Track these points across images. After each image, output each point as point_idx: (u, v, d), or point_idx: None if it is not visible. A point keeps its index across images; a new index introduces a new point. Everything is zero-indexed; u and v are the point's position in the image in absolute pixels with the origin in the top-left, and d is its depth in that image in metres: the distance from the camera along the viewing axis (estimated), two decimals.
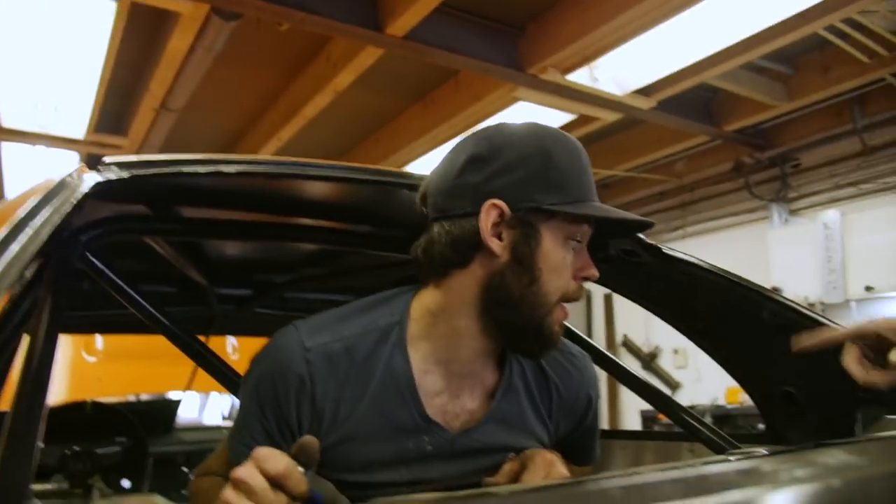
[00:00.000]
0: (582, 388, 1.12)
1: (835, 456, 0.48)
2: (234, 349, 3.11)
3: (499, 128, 0.98)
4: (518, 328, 0.95)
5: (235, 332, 2.56)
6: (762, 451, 0.81)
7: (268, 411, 0.96)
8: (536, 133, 0.96)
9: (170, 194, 1.19)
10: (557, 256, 0.93)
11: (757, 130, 5.31)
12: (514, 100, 4.23)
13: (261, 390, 0.97)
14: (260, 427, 0.96)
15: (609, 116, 4.54)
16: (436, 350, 0.98)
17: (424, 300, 0.99)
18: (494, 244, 0.91)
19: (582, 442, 1.18)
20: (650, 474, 0.43)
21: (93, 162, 0.94)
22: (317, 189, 1.22)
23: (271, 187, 1.19)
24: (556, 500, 0.37)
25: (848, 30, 3.76)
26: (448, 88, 4.59)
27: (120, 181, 0.93)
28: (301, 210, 1.36)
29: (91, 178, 0.90)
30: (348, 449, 0.98)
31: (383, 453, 0.99)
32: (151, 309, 1.31)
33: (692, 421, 1.66)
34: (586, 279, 0.97)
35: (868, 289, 4.65)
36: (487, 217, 0.91)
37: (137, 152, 4.53)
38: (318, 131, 4.87)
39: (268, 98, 4.78)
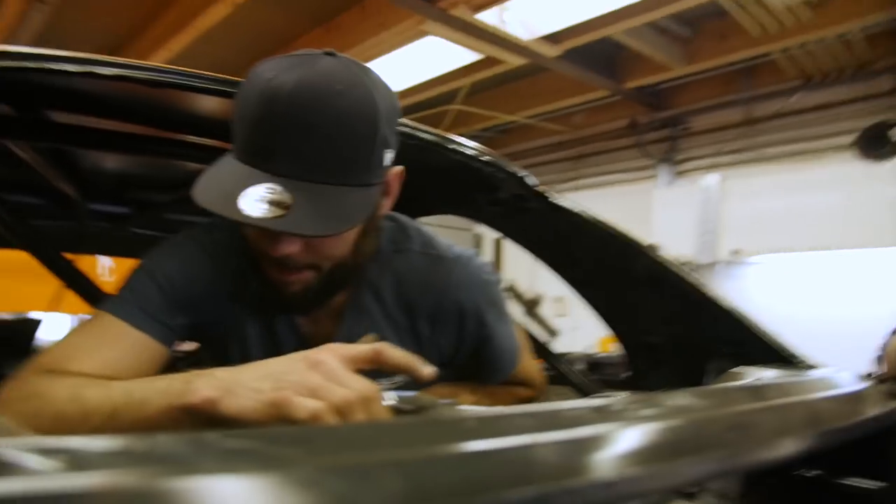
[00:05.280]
0: (448, 294, 1.06)
1: (680, 399, 0.53)
2: (111, 271, 2.96)
3: None
4: None
5: (108, 252, 2.45)
6: (622, 395, 0.87)
7: (173, 281, 0.97)
8: None
9: (38, 95, 1.10)
10: None
11: (654, 90, 5.51)
12: (422, 33, 4.16)
13: (169, 259, 0.99)
14: (153, 286, 0.96)
15: (515, 60, 4.56)
16: None
17: None
18: None
19: (479, 359, 1.13)
20: (508, 409, 0.46)
21: None
22: (205, 104, 1.16)
23: (154, 97, 1.12)
24: (401, 432, 0.38)
25: (746, 1, 3.92)
26: (354, 14, 4.44)
27: None
28: (187, 126, 1.29)
29: None
30: (230, 345, 1.03)
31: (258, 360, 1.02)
32: (10, 220, 1.22)
33: (562, 367, 1.76)
34: None
35: (735, 252, 5.00)
36: None
37: None
38: (213, 45, 4.60)
39: (159, 2, 4.45)
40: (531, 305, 6.98)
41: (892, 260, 4.18)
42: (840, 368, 1.10)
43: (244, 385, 0.63)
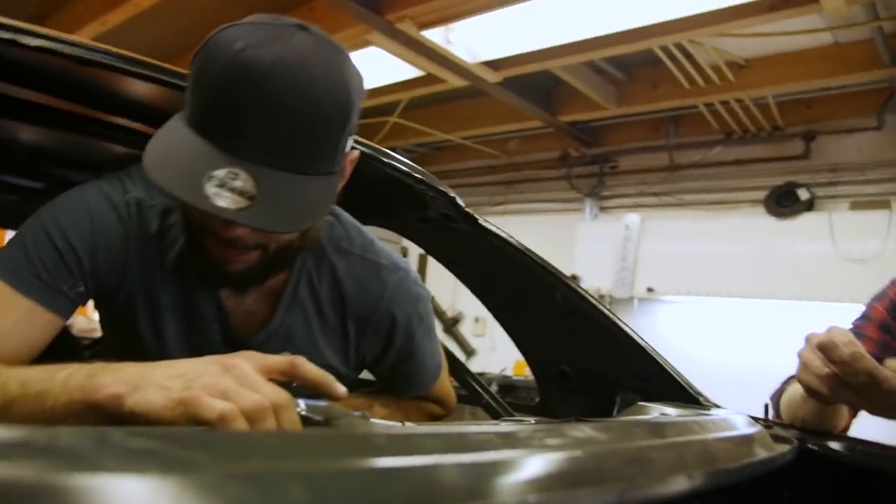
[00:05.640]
0: (382, 301, 1.06)
1: (584, 430, 0.55)
2: None
3: None
4: None
5: (18, 227, 2.32)
6: (530, 420, 0.89)
7: (72, 239, 0.88)
8: None
9: None
10: None
11: (587, 127, 5.68)
12: (366, 43, 4.16)
13: (72, 216, 0.89)
14: (51, 249, 0.87)
15: (456, 81, 4.61)
16: None
17: None
18: None
19: (399, 371, 1.13)
20: (417, 428, 0.46)
21: None
22: (135, 88, 1.12)
23: (80, 74, 1.07)
24: (309, 444, 0.38)
25: (678, 54, 4.12)
26: (300, 14, 4.39)
27: None
28: (114, 107, 1.25)
29: None
30: (139, 314, 0.96)
31: (173, 330, 0.97)
32: None
33: (476, 386, 1.78)
34: None
35: (650, 290, 5.18)
36: None
37: None
38: (151, 25, 4.45)
39: None
40: (451, 323, 7.03)
41: (791, 313, 4.42)
42: (736, 411, 1.16)
43: (153, 382, 0.61)
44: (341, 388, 0.65)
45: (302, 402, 0.62)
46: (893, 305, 1.41)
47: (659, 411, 1.04)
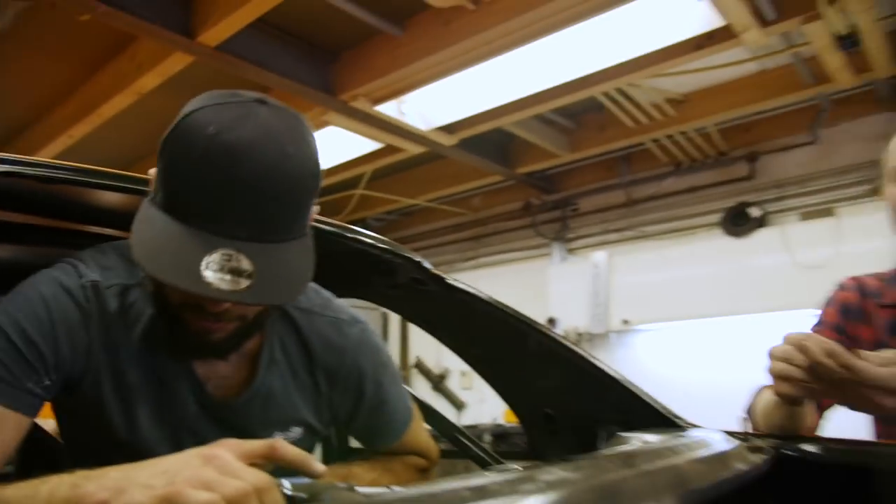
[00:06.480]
0: (348, 356, 1.08)
1: (555, 473, 0.55)
2: None
3: None
4: None
5: None
6: (515, 467, 0.89)
7: (32, 334, 0.85)
8: None
9: None
10: None
11: (544, 175, 5.79)
12: (325, 123, 4.24)
13: (29, 310, 0.87)
14: (11, 348, 0.84)
15: (414, 149, 4.70)
16: None
17: None
18: None
19: (373, 422, 1.14)
20: (395, 494, 0.47)
21: None
22: (100, 197, 1.13)
23: (47, 190, 1.09)
24: None
25: (619, 98, 4.25)
26: None
27: None
28: (83, 217, 1.26)
29: None
30: (107, 397, 0.93)
31: (144, 409, 0.95)
32: None
33: (465, 441, 1.77)
34: None
35: (625, 322, 5.20)
36: None
37: None
38: (117, 131, 4.49)
39: (62, 91, 4.31)
40: (439, 380, 6.97)
41: (757, 325, 4.46)
42: (714, 429, 1.17)
43: (137, 483, 0.60)
44: (320, 467, 0.65)
45: (286, 482, 0.62)
46: (842, 307, 1.46)
47: (639, 440, 1.05)
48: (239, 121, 0.78)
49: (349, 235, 1.29)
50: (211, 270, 0.73)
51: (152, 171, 0.85)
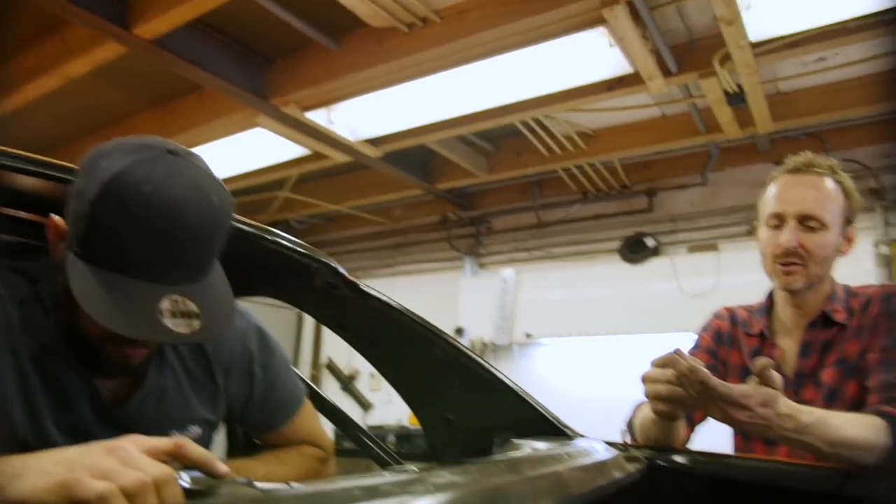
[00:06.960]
0: (236, 343, 1.13)
1: (445, 476, 0.57)
2: None
3: None
4: None
5: None
6: (413, 468, 0.90)
7: None
8: None
9: None
10: None
11: (462, 192, 5.86)
12: (254, 125, 4.14)
13: None
14: None
15: (340, 157, 4.66)
16: None
17: None
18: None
19: (264, 404, 1.17)
20: (289, 490, 0.47)
21: None
22: (14, 180, 1.07)
23: None
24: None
25: (536, 128, 4.37)
26: (192, 99, 4.32)
27: None
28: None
29: None
30: (12, 398, 0.91)
31: (46, 413, 0.93)
32: None
33: (367, 441, 1.76)
34: None
35: (528, 335, 5.32)
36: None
37: None
38: (40, 114, 4.23)
39: None
40: (347, 381, 6.89)
41: (645, 345, 4.66)
42: (598, 439, 1.22)
43: (36, 469, 0.58)
44: (222, 467, 0.64)
45: (185, 475, 0.60)
46: (715, 334, 1.56)
47: (529, 447, 1.08)
48: (170, 178, 0.82)
49: (269, 237, 1.27)
50: (167, 317, 0.78)
51: (58, 219, 0.87)
